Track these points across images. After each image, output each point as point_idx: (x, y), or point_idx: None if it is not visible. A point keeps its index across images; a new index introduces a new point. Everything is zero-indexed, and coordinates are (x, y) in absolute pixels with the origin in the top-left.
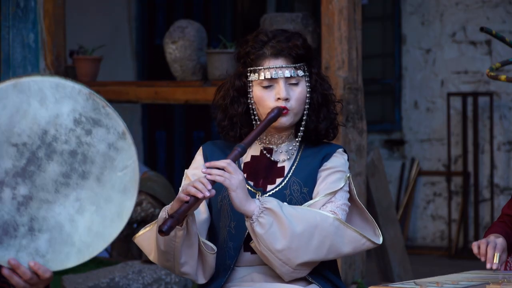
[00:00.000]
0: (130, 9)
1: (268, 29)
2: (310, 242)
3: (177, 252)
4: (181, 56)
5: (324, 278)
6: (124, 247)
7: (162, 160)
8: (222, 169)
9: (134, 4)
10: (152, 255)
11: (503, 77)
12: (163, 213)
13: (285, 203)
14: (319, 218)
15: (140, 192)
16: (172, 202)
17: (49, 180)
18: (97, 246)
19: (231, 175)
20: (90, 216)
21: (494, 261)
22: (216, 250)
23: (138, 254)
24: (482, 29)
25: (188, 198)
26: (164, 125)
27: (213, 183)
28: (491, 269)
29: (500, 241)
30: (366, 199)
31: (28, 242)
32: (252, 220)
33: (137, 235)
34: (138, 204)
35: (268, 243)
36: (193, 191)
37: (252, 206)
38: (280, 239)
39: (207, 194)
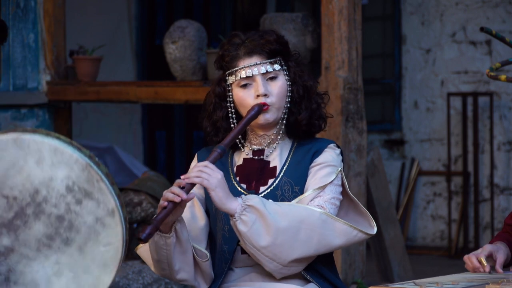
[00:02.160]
0: (130, 9)
1: (241, 32)
2: (296, 237)
3: (170, 259)
4: (181, 56)
5: (322, 277)
6: None
7: (162, 160)
8: (199, 171)
9: (134, 4)
10: (152, 267)
11: (503, 77)
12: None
13: (270, 200)
14: (304, 212)
15: (140, 192)
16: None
17: (33, 238)
18: None
19: (209, 175)
20: (66, 282)
21: (484, 265)
22: (209, 257)
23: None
24: (482, 29)
25: (166, 203)
26: (164, 125)
27: (192, 186)
28: (488, 272)
29: (486, 247)
30: (366, 199)
31: None
32: (235, 218)
33: (138, 246)
34: (138, 204)
35: (252, 240)
36: (170, 196)
37: (234, 204)
38: (264, 236)
39: (184, 196)
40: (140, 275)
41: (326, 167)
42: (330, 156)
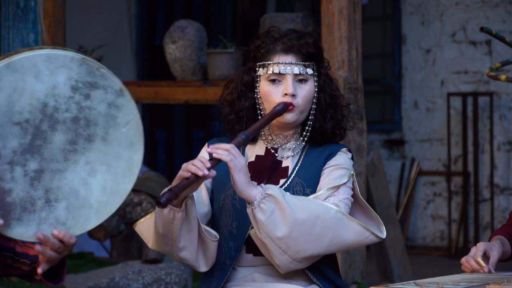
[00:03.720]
0: (130, 9)
1: (280, 28)
2: (311, 232)
3: (175, 235)
4: (181, 56)
5: (326, 277)
6: (124, 247)
7: (162, 160)
8: (227, 150)
9: (134, 4)
10: (151, 243)
11: (503, 77)
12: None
13: (288, 192)
14: (322, 208)
15: (140, 192)
16: (173, 181)
17: (57, 150)
18: (114, 203)
19: (235, 157)
20: (102, 176)
21: (482, 266)
22: (218, 238)
23: (138, 254)
24: (482, 29)
25: (188, 174)
26: (164, 125)
27: (217, 163)
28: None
29: (479, 245)
30: (366, 199)
31: (47, 213)
32: (254, 205)
33: (137, 222)
34: (138, 204)
35: (268, 230)
36: (193, 168)
37: (254, 191)
38: (281, 226)
39: (206, 172)
40: (140, 275)
41: (340, 169)
42: (343, 159)
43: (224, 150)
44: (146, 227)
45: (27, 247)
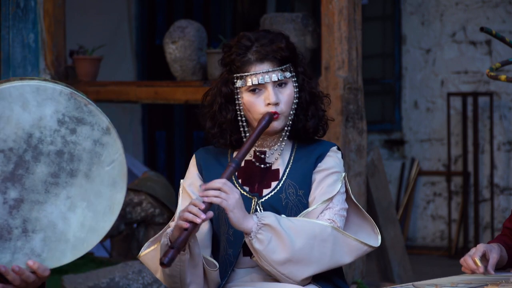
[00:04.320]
0: (130, 9)
1: (249, 33)
2: (310, 254)
3: (183, 274)
4: (181, 56)
5: (326, 279)
6: (124, 247)
7: (162, 160)
8: (218, 189)
9: (134, 4)
10: (158, 274)
11: (503, 77)
12: (165, 240)
13: (283, 216)
14: (317, 229)
15: (140, 192)
16: (172, 226)
17: (39, 181)
18: (92, 241)
19: (228, 195)
20: (82, 212)
21: (478, 265)
22: (218, 267)
23: (138, 254)
24: (482, 29)
25: (187, 225)
26: (164, 125)
27: (210, 205)
28: (482, 272)
29: (478, 247)
30: (366, 199)
31: (23, 243)
32: (251, 237)
33: (142, 254)
34: (138, 204)
35: (268, 258)
36: (190, 217)
37: (250, 223)
38: (280, 253)
39: (203, 216)
40: (140, 275)
41: (331, 174)
42: (333, 162)
43: (215, 191)
44: (151, 259)
45: None
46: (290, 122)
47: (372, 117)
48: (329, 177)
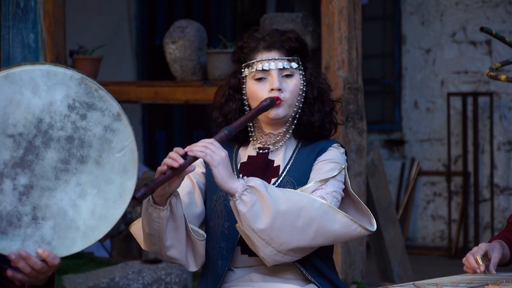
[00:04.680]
0: (130, 9)
1: (264, 28)
2: (294, 223)
3: (161, 234)
4: (181, 56)
5: (323, 276)
6: (124, 247)
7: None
8: (204, 146)
9: (134, 4)
10: (143, 243)
11: (503, 77)
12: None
13: (272, 185)
14: (305, 200)
15: None
16: None
17: (48, 168)
18: (102, 229)
19: (213, 152)
20: (92, 199)
21: (479, 264)
22: (205, 237)
23: (138, 254)
24: (482, 29)
25: (165, 168)
26: (164, 125)
27: (194, 159)
28: (482, 272)
29: (481, 245)
30: (366, 199)
31: (33, 230)
32: (235, 198)
33: (132, 224)
34: (138, 204)
35: (250, 222)
36: (168, 161)
37: (235, 184)
38: (263, 218)
39: (181, 161)
40: (140, 275)
41: (330, 162)
42: (334, 154)
43: (200, 147)
44: (139, 229)
45: None
46: (296, 116)
47: (372, 117)
48: (327, 164)
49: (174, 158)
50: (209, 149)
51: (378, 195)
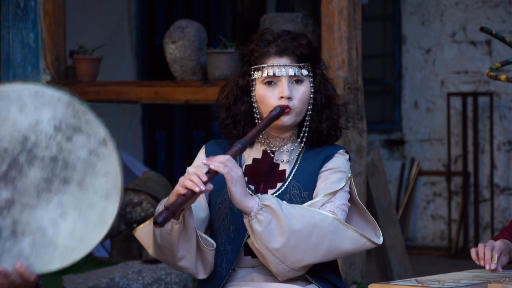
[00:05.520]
0: (130, 9)
1: (274, 29)
2: (308, 241)
3: (174, 246)
4: (181, 56)
5: (324, 278)
6: (124, 247)
7: (162, 160)
8: (223, 163)
9: (134, 4)
10: (151, 249)
11: (503, 77)
12: (160, 207)
13: (284, 202)
14: (318, 217)
15: (140, 192)
16: (169, 195)
17: (31, 185)
18: (81, 250)
19: (231, 169)
20: (73, 220)
21: (493, 261)
22: (215, 247)
23: (138, 254)
24: (482, 29)
25: (185, 191)
26: (164, 125)
27: (213, 176)
28: (490, 270)
29: (498, 243)
30: (366, 199)
31: (11, 245)
32: (251, 217)
33: (137, 228)
34: (138, 204)
35: (265, 240)
36: (189, 184)
37: (251, 202)
38: (278, 237)
39: (203, 188)
40: (140, 275)
41: (337, 172)
42: (340, 162)
43: (220, 163)
44: (145, 234)
45: None
46: (307, 124)
47: (372, 117)
48: (334, 174)
49: (195, 182)
50: (228, 167)
51: (378, 195)
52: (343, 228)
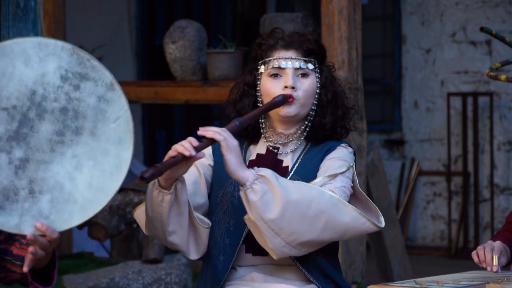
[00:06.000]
0: (130, 9)
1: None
2: (305, 214)
3: (164, 218)
4: (181, 56)
5: (326, 277)
6: (124, 247)
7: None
8: (218, 132)
9: (134, 4)
10: (146, 228)
11: (503, 77)
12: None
13: (282, 177)
14: (315, 192)
15: (140, 192)
16: None
17: (44, 140)
18: (100, 201)
19: (227, 138)
20: (89, 171)
21: (494, 264)
22: (209, 225)
23: (138, 254)
24: (482, 29)
25: (175, 153)
26: (164, 125)
27: (207, 144)
28: (492, 271)
29: (497, 244)
30: None
31: (30, 205)
32: (246, 186)
33: (136, 208)
34: (138, 204)
35: (261, 211)
36: (180, 148)
37: (246, 173)
38: (273, 208)
39: (193, 152)
40: (140, 275)
41: (338, 160)
42: (342, 153)
43: (215, 132)
44: (142, 214)
45: (22, 249)
46: (310, 118)
47: (372, 117)
48: (336, 161)
49: (186, 147)
50: (223, 135)
51: (378, 195)
52: (342, 205)
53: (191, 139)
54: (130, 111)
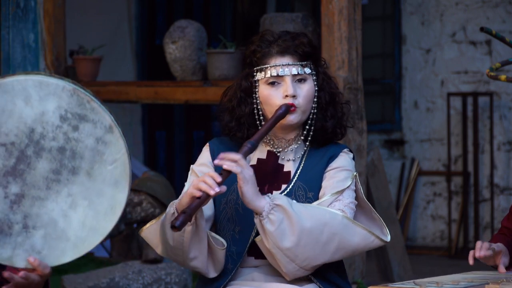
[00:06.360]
0: (130, 9)
1: (273, 30)
2: (318, 239)
3: (186, 247)
4: (181, 56)
5: (327, 279)
6: (124, 247)
7: (162, 160)
8: (235, 161)
9: (134, 4)
10: (159, 249)
11: (503, 77)
12: (171, 209)
13: (294, 201)
14: (328, 215)
15: (140, 192)
16: (180, 197)
17: (40, 177)
18: (92, 240)
19: (243, 168)
20: (83, 211)
21: (491, 253)
22: (226, 246)
23: (138, 254)
24: (482, 29)
25: (200, 193)
26: (164, 125)
27: (226, 176)
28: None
29: (499, 243)
30: (366, 199)
31: (23, 239)
32: (262, 216)
33: (143, 228)
34: (138, 204)
35: (277, 240)
36: (204, 187)
37: (262, 202)
38: (290, 236)
39: (217, 189)
40: (140, 275)
41: (343, 171)
42: (345, 161)
43: (232, 162)
44: (153, 233)
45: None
46: (312, 122)
47: (372, 117)
48: (340, 172)
49: (210, 184)
50: (240, 166)
51: (378, 195)
52: (353, 226)
53: (213, 174)
54: (128, 154)
